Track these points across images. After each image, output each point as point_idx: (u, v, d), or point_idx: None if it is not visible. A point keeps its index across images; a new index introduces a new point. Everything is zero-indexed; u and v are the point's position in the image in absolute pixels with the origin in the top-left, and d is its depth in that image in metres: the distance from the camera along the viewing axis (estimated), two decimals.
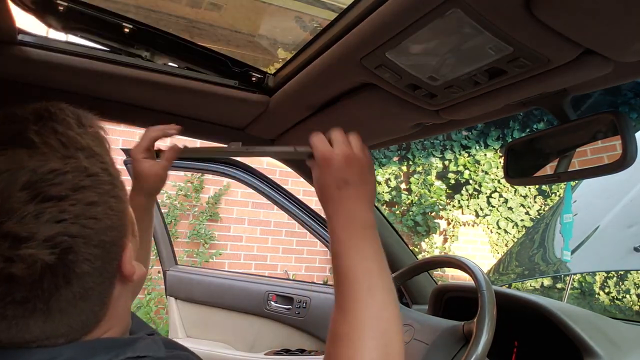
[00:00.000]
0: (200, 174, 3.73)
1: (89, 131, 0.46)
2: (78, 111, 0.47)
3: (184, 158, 0.84)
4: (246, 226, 3.94)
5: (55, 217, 0.39)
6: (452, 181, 4.67)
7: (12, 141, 0.41)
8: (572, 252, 2.20)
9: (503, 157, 0.81)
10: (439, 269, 1.21)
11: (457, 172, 4.65)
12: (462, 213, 4.76)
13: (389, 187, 4.51)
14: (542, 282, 4.39)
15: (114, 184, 0.46)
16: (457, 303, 1.26)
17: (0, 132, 0.42)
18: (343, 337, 0.54)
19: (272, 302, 1.69)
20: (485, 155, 4.67)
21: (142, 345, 0.46)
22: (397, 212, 4.56)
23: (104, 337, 0.46)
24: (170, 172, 0.81)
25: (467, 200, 4.69)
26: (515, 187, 4.60)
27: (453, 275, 4.55)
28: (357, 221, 0.60)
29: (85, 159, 0.43)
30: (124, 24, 0.78)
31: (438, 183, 4.68)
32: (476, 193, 4.69)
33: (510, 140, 1.57)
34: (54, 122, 0.43)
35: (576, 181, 2.51)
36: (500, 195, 4.69)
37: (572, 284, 4.23)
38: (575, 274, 3.73)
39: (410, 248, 1.48)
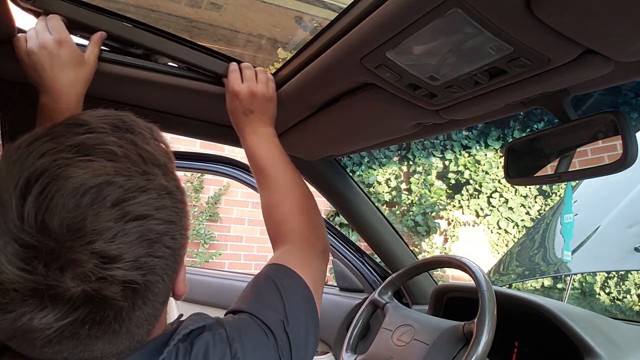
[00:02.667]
0: (200, 174, 3.73)
1: (161, 147, 0.45)
2: (148, 124, 0.46)
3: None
4: (246, 226, 3.94)
5: (143, 237, 0.38)
6: (453, 181, 4.67)
7: (94, 151, 0.39)
8: (573, 252, 2.20)
9: (503, 157, 0.81)
10: (439, 269, 1.21)
11: (457, 172, 4.65)
12: (463, 213, 4.76)
13: (389, 187, 4.51)
14: (543, 282, 4.39)
15: (184, 202, 0.45)
16: (458, 303, 1.26)
17: (80, 141, 0.39)
18: (278, 203, 0.74)
19: None
20: (486, 155, 4.67)
21: (189, 322, 0.49)
22: (397, 212, 4.55)
23: (154, 337, 0.47)
24: None
25: (468, 200, 4.69)
26: (516, 187, 4.60)
27: (453, 276, 4.55)
28: (262, 134, 0.81)
29: (162, 175, 0.42)
30: (123, 23, 0.78)
31: (438, 183, 4.68)
32: (476, 193, 4.69)
33: (511, 140, 1.57)
34: (132, 134, 0.43)
35: (577, 181, 2.51)
36: (501, 195, 4.69)
37: (573, 284, 4.23)
38: (575, 274, 3.73)
39: (411, 248, 1.48)
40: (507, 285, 2.63)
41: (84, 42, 0.80)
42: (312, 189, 1.35)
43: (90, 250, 0.36)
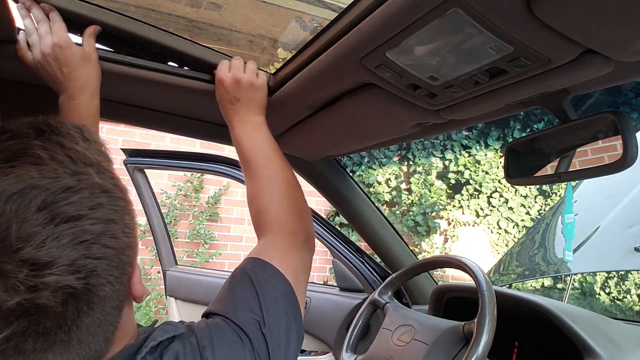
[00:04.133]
0: (200, 174, 3.73)
1: (94, 146, 0.44)
2: (79, 125, 0.44)
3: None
4: (246, 226, 3.94)
5: (77, 239, 0.36)
6: (453, 181, 4.67)
7: (17, 158, 0.37)
8: (573, 252, 2.20)
9: (503, 157, 0.81)
10: (439, 269, 1.21)
11: (457, 172, 4.65)
12: (463, 213, 4.76)
13: (389, 187, 4.51)
14: (543, 282, 4.39)
15: (126, 199, 0.44)
16: (458, 303, 1.26)
17: (2, 148, 0.38)
18: (258, 192, 0.72)
19: None
20: (486, 155, 4.67)
21: (159, 332, 0.47)
22: (398, 212, 4.55)
23: (122, 349, 0.45)
24: (170, 172, 0.83)
25: (468, 200, 4.69)
26: (516, 187, 4.60)
27: (453, 276, 4.55)
28: (249, 123, 0.80)
29: (96, 174, 0.40)
30: (121, 15, 0.78)
31: (438, 183, 4.68)
32: (476, 193, 4.69)
33: (511, 140, 1.57)
34: (58, 136, 0.41)
35: (577, 181, 2.51)
36: (501, 195, 4.69)
37: (573, 284, 4.23)
38: (575, 274, 3.73)
39: (411, 248, 1.48)
40: (507, 285, 2.63)
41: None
42: (312, 189, 1.35)
43: (18, 259, 0.34)
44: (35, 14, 0.70)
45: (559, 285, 4.33)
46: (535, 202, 4.79)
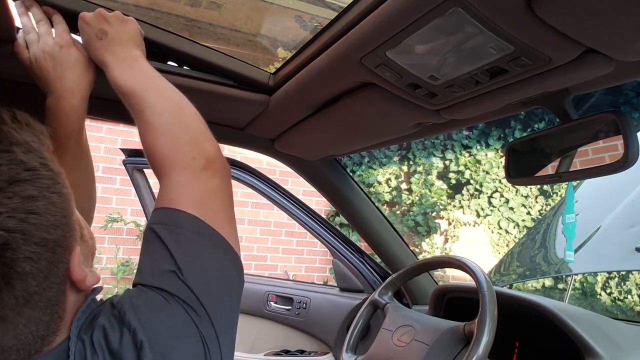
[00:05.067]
0: None
1: (25, 128, 0.43)
2: (13, 109, 0.44)
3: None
4: (246, 226, 3.94)
5: None
6: (453, 181, 4.67)
7: None
8: (574, 252, 2.19)
9: (504, 157, 0.81)
10: (439, 269, 1.21)
11: (458, 172, 4.65)
12: (463, 213, 4.76)
13: (389, 187, 4.51)
14: (544, 283, 4.39)
15: (55, 180, 0.43)
16: (458, 303, 1.26)
17: None
18: (144, 131, 0.64)
19: (271, 303, 1.69)
20: (486, 155, 4.67)
21: (80, 314, 0.46)
22: (398, 212, 4.55)
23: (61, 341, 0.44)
24: None
25: (468, 200, 4.69)
26: (517, 187, 4.60)
27: (454, 276, 4.55)
28: (125, 59, 0.69)
29: (22, 153, 0.40)
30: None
31: (439, 183, 4.67)
32: (477, 193, 4.69)
33: (512, 140, 1.57)
34: None
35: (578, 181, 2.50)
36: (502, 195, 4.69)
37: (574, 285, 4.23)
38: (576, 274, 3.73)
39: (411, 248, 1.48)
40: (508, 286, 2.63)
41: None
42: (312, 189, 1.35)
43: None
44: (35, 14, 0.70)
45: (560, 286, 4.33)
46: (536, 202, 4.78)
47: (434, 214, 4.58)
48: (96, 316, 0.46)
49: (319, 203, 3.74)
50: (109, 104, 0.92)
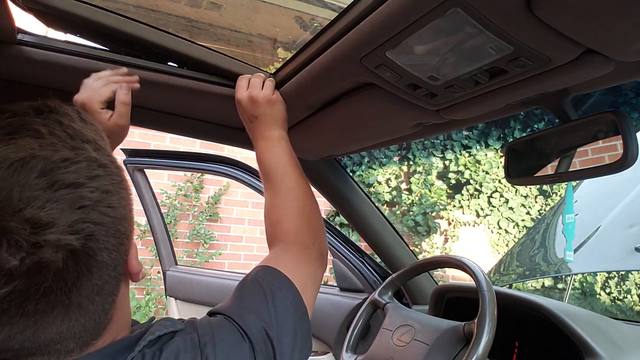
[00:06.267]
0: (200, 174, 3.73)
1: (90, 126, 0.46)
2: (76, 108, 0.47)
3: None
4: (246, 226, 3.94)
5: (76, 203, 0.38)
6: (453, 181, 4.67)
7: (18, 132, 0.39)
8: (574, 252, 2.19)
9: (504, 157, 0.81)
10: (439, 269, 1.21)
11: (457, 172, 4.65)
12: (463, 213, 4.76)
13: (389, 187, 4.51)
14: (543, 283, 4.39)
15: (122, 176, 0.46)
16: (458, 303, 1.26)
17: (4, 124, 0.40)
18: (275, 205, 0.74)
19: None
20: (486, 155, 4.67)
21: (157, 327, 0.48)
22: (398, 212, 4.55)
23: (118, 339, 0.46)
24: (170, 172, 0.82)
25: (468, 200, 4.69)
26: (516, 187, 4.60)
27: (454, 276, 4.55)
28: (268, 138, 0.82)
29: (93, 150, 0.43)
30: (128, 20, 0.78)
31: (439, 183, 4.68)
32: (477, 193, 4.69)
33: (511, 140, 1.57)
34: (57, 114, 0.43)
35: (577, 181, 2.50)
36: (501, 195, 4.69)
37: (573, 284, 4.23)
38: (576, 274, 3.73)
39: (411, 248, 1.48)
40: (508, 286, 2.63)
41: (84, 41, 0.80)
42: (312, 189, 1.35)
43: (20, 218, 0.36)
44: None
45: (560, 286, 4.33)
46: (536, 202, 4.79)
47: (433, 214, 4.59)
48: (172, 333, 0.49)
49: (319, 203, 3.73)
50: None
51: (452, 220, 4.72)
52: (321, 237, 0.73)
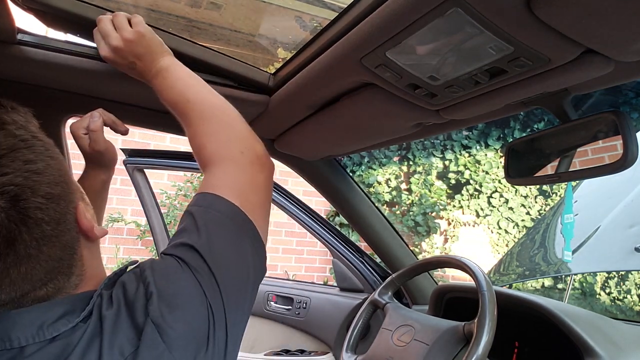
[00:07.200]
0: (200, 174, 3.72)
1: (11, 110, 0.50)
2: (6, 101, 0.51)
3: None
4: None
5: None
6: (453, 181, 4.67)
7: None
8: (573, 252, 2.19)
9: (504, 157, 0.81)
10: (439, 269, 1.21)
11: (457, 172, 4.65)
12: (463, 213, 4.76)
13: (389, 187, 4.51)
14: (543, 283, 4.39)
15: (47, 147, 0.49)
16: (458, 303, 1.26)
17: None
18: (193, 133, 0.68)
19: (272, 303, 1.69)
20: (486, 155, 4.67)
21: (110, 274, 0.54)
22: (398, 212, 4.55)
23: (82, 291, 0.51)
24: (170, 172, 0.82)
25: (468, 200, 4.69)
26: (516, 187, 4.60)
27: (454, 276, 4.55)
28: (158, 72, 0.73)
29: (15, 129, 0.47)
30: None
31: (438, 183, 4.68)
32: (477, 193, 4.69)
33: (511, 140, 1.57)
34: None
35: (577, 181, 2.50)
36: (501, 196, 4.69)
37: (573, 284, 4.23)
38: (576, 274, 3.73)
39: (411, 248, 1.48)
40: (508, 286, 2.63)
41: (84, 41, 0.80)
42: (312, 189, 1.35)
43: None
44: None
45: (559, 286, 4.33)
46: (536, 202, 4.79)
47: (433, 214, 4.59)
48: (120, 275, 0.53)
49: (319, 203, 3.73)
50: (110, 104, 0.93)
51: (452, 221, 4.72)
52: (250, 142, 0.67)
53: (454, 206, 4.72)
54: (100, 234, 0.53)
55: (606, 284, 4.33)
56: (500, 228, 4.72)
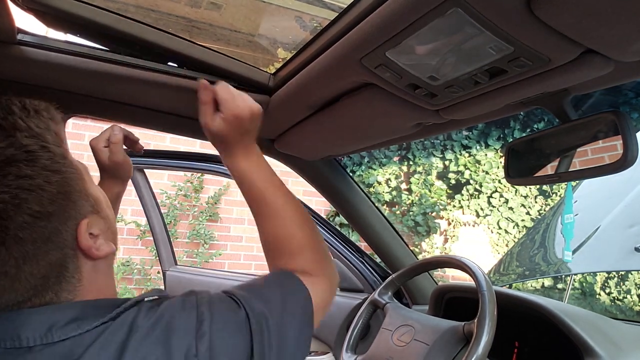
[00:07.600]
0: (200, 174, 3.73)
1: (33, 114, 0.49)
2: (25, 99, 0.50)
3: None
4: (246, 226, 3.94)
5: None
6: (453, 181, 4.67)
7: None
8: (573, 252, 2.19)
9: (504, 157, 0.81)
10: (439, 269, 1.21)
11: (457, 172, 4.65)
12: (463, 213, 4.76)
13: (389, 187, 4.51)
14: (543, 283, 4.39)
15: (54, 160, 0.48)
16: (458, 303, 1.26)
17: None
18: (280, 223, 0.68)
19: None
20: (486, 155, 4.67)
21: (146, 294, 0.52)
22: (398, 212, 4.55)
23: (94, 299, 0.50)
24: (170, 173, 0.82)
25: (468, 200, 4.69)
26: (516, 187, 4.60)
27: (454, 276, 4.55)
28: (254, 153, 0.71)
29: (25, 138, 0.46)
30: (129, 20, 0.78)
31: (438, 183, 4.68)
32: (477, 193, 4.69)
33: (511, 140, 1.57)
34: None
35: (577, 181, 2.50)
36: (501, 195, 4.69)
37: (573, 284, 4.23)
38: (576, 274, 3.73)
39: (411, 248, 1.48)
40: (507, 286, 2.63)
41: (84, 41, 0.80)
42: (312, 189, 1.35)
43: None
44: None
45: (559, 286, 4.33)
46: (536, 202, 4.79)
47: (433, 214, 4.59)
48: (165, 297, 0.53)
49: (319, 203, 3.74)
50: (110, 104, 0.93)
51: (452, 221, 4.72)
52: (332, 264, 0.70)
53: (454, 206, 4.72)
54: (103, 253, 0.51)
55: (606, 284, 4.33)
56: (500, 228, 4.72)
